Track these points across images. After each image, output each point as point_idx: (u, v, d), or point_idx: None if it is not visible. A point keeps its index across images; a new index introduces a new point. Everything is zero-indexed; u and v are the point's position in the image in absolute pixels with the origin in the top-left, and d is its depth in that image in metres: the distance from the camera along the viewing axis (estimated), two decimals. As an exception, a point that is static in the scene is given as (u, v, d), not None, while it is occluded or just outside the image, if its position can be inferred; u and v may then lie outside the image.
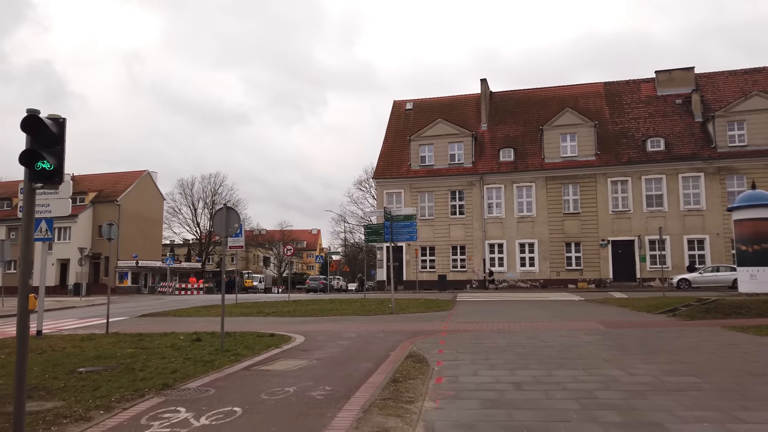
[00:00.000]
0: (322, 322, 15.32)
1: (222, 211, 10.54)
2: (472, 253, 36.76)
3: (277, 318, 17.14)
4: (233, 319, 17.17)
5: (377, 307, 19.89)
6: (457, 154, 38.03)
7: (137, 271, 47.02)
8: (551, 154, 36.18)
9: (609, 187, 34.94)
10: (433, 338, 11.10)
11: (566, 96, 39.81)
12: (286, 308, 20.31)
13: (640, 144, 35.45)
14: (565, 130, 36.17)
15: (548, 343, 10.00)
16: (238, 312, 19.15)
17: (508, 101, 41.33)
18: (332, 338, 11.52)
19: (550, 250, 35.39)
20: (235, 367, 7.95)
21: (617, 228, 34.51)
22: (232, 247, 23.72)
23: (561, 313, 16.90)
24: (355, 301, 23.54)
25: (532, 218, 35.93)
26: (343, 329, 13.26)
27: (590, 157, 35.52)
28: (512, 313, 17.28)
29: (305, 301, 24.08)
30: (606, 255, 34.56)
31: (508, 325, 13.20)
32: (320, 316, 17.37)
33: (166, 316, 18.92)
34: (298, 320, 16.19)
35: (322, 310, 19.34)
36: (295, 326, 14.30)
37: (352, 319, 16.03)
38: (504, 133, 39.08)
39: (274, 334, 12.03)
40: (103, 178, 50.93)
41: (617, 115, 37.80)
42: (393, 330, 12.87)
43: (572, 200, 35.57)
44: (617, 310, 17.16)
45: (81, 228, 46.80)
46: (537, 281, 35.34)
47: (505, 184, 36.63)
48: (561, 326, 12.74)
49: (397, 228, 18.55)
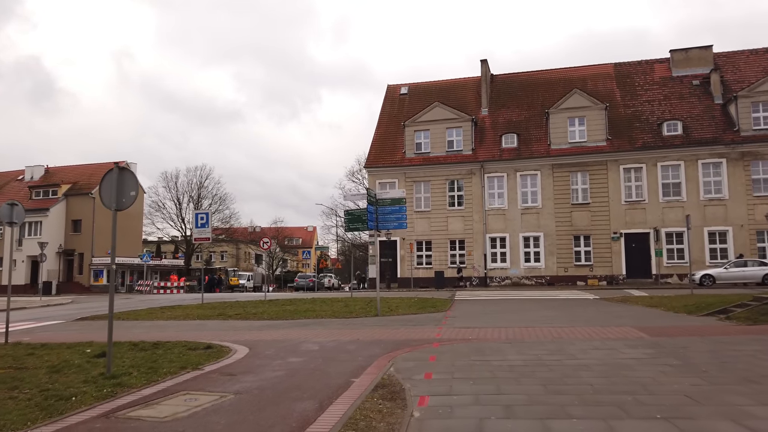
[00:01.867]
0: (287, 328, 12.35)
1: (112, 173, 7.33)
2: (472, 248, 33.78)
3: (237, 322, 14.16)
4: (183, 323, 14.20)
5: (362, 308, 16.96)
6: (456, 140, 35.02)
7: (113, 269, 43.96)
8: (558, 140, 33.18)
9: (621, 175, 31.93)
10: (421, 352, 8.15)
11: (573, 78, 36.79)
12: (256, 309, 17.35)
13: (655, 128, 32.45)
14: (573, 114, 33.15)
15: (582, 361, 7.03)
16: (196, 315, 16.18)
17: (510, 84, 38.30)
18: (284, 352, 8.55)
19: (557, 245, 32.41)
20: (93, 410, 4.98)
21: (631, 220, 31.52)
22: (197, 239, 20.78)
23: (580, 315, 13.94)
24: (339, 301, 20.59)
25: (538, 210, 32.93)
26: (307, 338, 10.30)
27: (601, 143, 32.50)
28: (521, 315, 14.33)
29: (282, 301, 21.11)
30: (618, 249, 31.57)
31: (520, 332, 10.24)
32: (290, 319, 14.42)
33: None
34: (261, 325, 13.21)
35: (296, 311, 16.39)
36: (250, 334, 11.34)
37: (326, 324, 13.07)
38: (506, 118, 36.08)
39: (211, 346, 9.08)
40: (79, 169, 47.79)
41: (629, 97, 34.79)
42: (371, 339, 9.91)
43: (581, 190, 32.56)
44: (648, 312, 14.18)
45: (53, 222, 43.74)
46: (543, 278, 32.36)
47: (508, 172, 33.62)
48: (589, 334, 9.78)
49: (383, 214, 15.58)
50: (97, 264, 43.40)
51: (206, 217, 20.57)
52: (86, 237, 43.72)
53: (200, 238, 20.62)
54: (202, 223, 20.53)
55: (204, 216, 20.60)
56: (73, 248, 44.17)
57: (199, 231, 20.58)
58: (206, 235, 20.61)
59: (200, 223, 20.54)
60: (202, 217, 20.59)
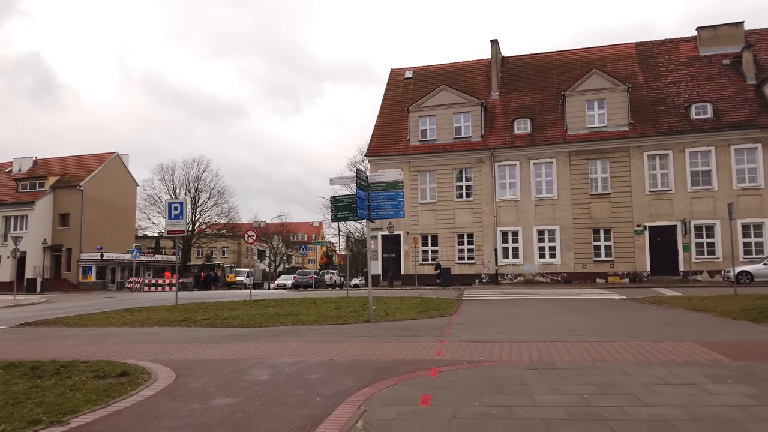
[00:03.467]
0: (252, 339, 9.91)
1: None
2: (481, 242, 31.23)
3: (199, 331, 11.73)
4: (135, 331, 11.79)
5: (354, 311, 14.50)
6: (464, 126, 32.45)
7: (103, 265, 41.78)
8: (575, 125, 30.51)
9: (645, 162, 29.25)
10: (410, 386, 5.69)
11: (591, 59, 34.08)
12: (231, 313, 14.94)
13: (682, 111, 29.71)
14: (591, 96, 30.46)
15: (656, 410, 4.53)
16: (158, 320, 13.77)
17: (522, 66, 35.62)
18: (218, 385, 6.11)
19: (574, 239, 29.80)
20: None
21: (656, 211, 28.85)
22: (170, 232, 18.38)
23: (614, 321, 11.40)
24: (331, 302, 18.16)
25: (553, 200, 30.32)
26: (266, 356, 7.86)
27: (622, 127, 29.81)
28: (541, 321, 11.81)
29: (266, 302, 18.70)
30: (642, 243, 28.92)
31: (546, 350, 7.73)
32: (264, 326, 11.99)
33: (58, 325, 13.52)
34: (224, 335, 10.78)
35: (276, 315, 13.96)
36: (201, 349, 8.92)
37: (303, 333, 10.61)
38: (518, 102, 33.43)
39: (127, 372, 6.67)
40: (67, 161, 45.59)
41: (653, 78, 32.02)
42: (349, 359, 7.46)
43: (601, 179, 29.90)
44: (699, 319, 11.61)
45: (39, 216, 41.60)
46: (559, 275, 29.76)
47: (521, 160, 31.02)
48: (643, 354, 7.25)
49: (377, 200, 13.06)
50: (86, 260, 41.22)
51: (180, 207, 18.17)
52: (74, 232, 41.56)
53: (174, 231, 18.22)
54: (176, 214, 18.15)
55: (178, 206, 18.20)
56: (60, 243, 42.03)
57: (173, 223, 18.19)
58: (180, 228, 18.22)
59: (174, 213, 18.15)
60: (175, 206, 18.19)
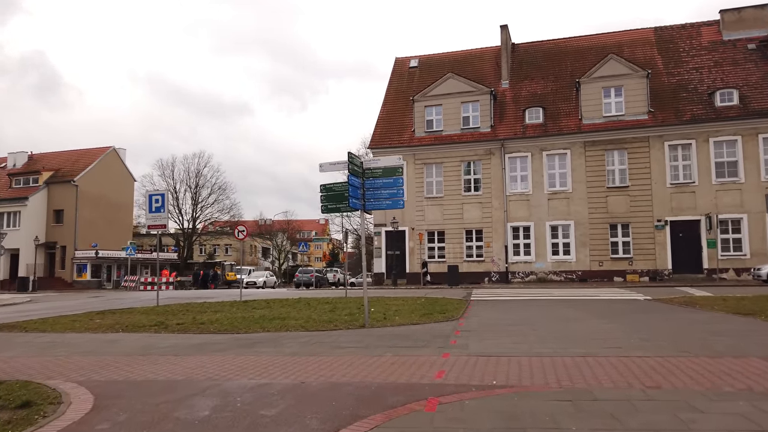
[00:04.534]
0: (219, 351, 8.32)
1: None
2: (491, 239, 29.54)
3: (166, 338, 10.17)
4: (94, 338, 10.25)
5: (348, 315, 12.92)
6: (472, 116, 30.74)
7: (98, 263, 40.44)
8: (591, 113, 28.73)
9: (666, 152, 27.42)
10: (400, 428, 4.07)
11: (607, 45, 32.22)
12: (212, 316, 13.40)
13: (705, 98, 27.85)
14: (608, 83, 28.65)
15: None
16: (128, 323, 12.24)
17: (534, 54, 33.84)
18: (139, 425, 4.51)
19: (590, 234, 28.04)
20: None
21: (677, 205, 27.04)
22: (151, 227, 16.85)
23: (649, 328, 9.73)
24: (327, 303, 16.58)
25: (567, 194, 28.57)
26: (223, 376, 6.27)
27: (641, 116, 27.99)
28: (563, 327, 10.15)
29: (255, 303, 17.16)
30: (663, 239, 27.12)
31: (578, 369, 6.08)
32: (242, 333, 10.42)
33: (14, 330, 11.99)
34: (191, 344, 9.21)
35: (261, 319, 12.39)
36: (155, 363, 7.35)
37: (283, 342, 9.02)
38: (530, 91, 31.66)
39: (29, 403, 5.10)
40: (62, 156, 44.29)
41: (673, 64, 30.15)
42: (326, 380, 5.85)
43: (618, 170, 28.11)
44: (750, 324, 9.90)
45: (33, 213, 40.32)
46: (573, 273, 28.02)
47: (533, 151, 29.28)
48: (707, 378, 5.57)
49: (372, 188, 11.45)
50: (80, 258, 39.90)
51: (161, 199, 16.62)
52: (69, 228, 40.26)
53: (155, 226, 16.68)
54: (156, 207, 16.62)
55: (159, 198, 16.66)
56: (54, 241, 40.73)
57: (153, 216, 16.66)
58: (161, 222, 16.68)
59: (154, 206, 16.62)
60: (156, 199, 16.65)
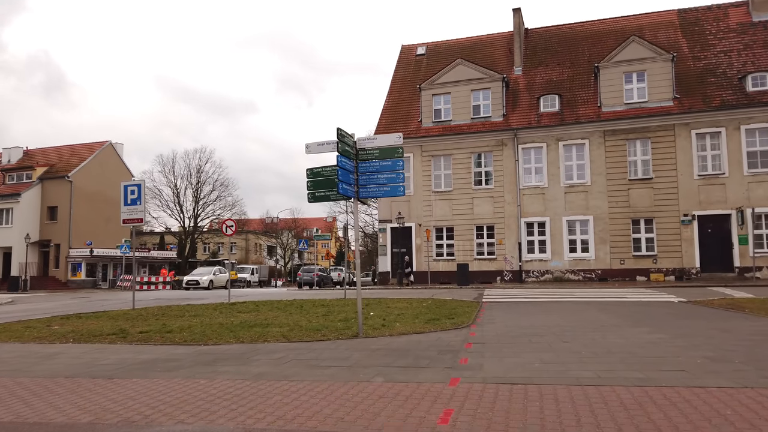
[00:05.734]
0: (167, 371, 6.55)
1: None
2: (503, 236, 27.67)
3: (120, 350, 8.44)
4: (24, 352, 8.53)
5: (343, 321, 11.16)
6: (483, 105, 28.86)
7: (93, 262, 38.96)
8: (611, 100, 26.76)
9: (693, 142, 25.42)
10: None
11: (627, 28, 30.22)
12: (186, 322, 11.67)
13: (735, 83, 25.80)
14: (630, 67, 26.66)
15: None
16: (85, 331, 10.53)
17: (548, 39, 31.88)
18: None
19: (610, 230, 26.10)
20: None
21: (706, 198, 25.04)
22: (126, 221, 15.13)
23: (706, 341, 7.85)
24: (322, 306, 14.82)
25: (586, 187, 26.63)
26: (145, 417, 4.49)
27: (666, 102, 25.99)
28: (599, 339, 8.26)
29: (242, 306, 15.44)
30: (690, 236, 25.12)
31: (642, 412, 4.23)
32: (211, 344, 8.64)
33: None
34: (142, 360, 7.46)
35: (240, 326, 10.64)
36: (71, 392, 5.60)
37: (252, 360, 7.24)
38: (545, 78, 29.72)
39: None
40: (58, 151, 42.88)
41: (699, 48, 28.10)
42: (279, 430, 4.06)
43: (641, 161, 26.14)
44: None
45: (26, 209, 38.89)
46: (592, 272, 26.09)
47: (548, 142, 27.36)
48: None
49: (367, 172, 9.70)
50: (75, 256, 38.44)
51: (138, 190, 14.91)
52: (63, 226, 38.82)
53: (130, 220, 14.98)
54: (132, 199, 14.92)
55: (135, 189, 14.96)
56: (48, 239, 39.30)
57: (129, 210, 14.96)
58: (138, 216, 14.98)
59: (130, 198, 14.93)
60: (132, 190, 14.95)
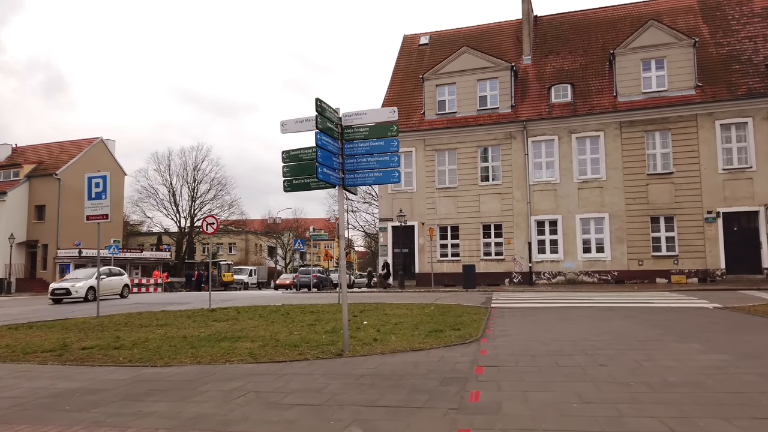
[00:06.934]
0: (70, 414, 4.85)
1: None
2: (511, 235, 25.92)
3: (33, 377, 6.74)
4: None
5: (330, 332, 9.47)
6: (490, 95, 27.11)
7: (82, 263, 37.31)
8: (628, 89, 24.97)
9: (718, 133, 23.60)
10: None
11: (644, 14, 28.40)
12: (150, 333, 9.99)
13: (762, 70, 23.97)
14: (648, 54, 24.87)
15: None
16: (22, 346, 8.86)
17: (559, 26, 30.09)
18: None
19: (627, 229, 24.30)
20: None
21: (731, 194, 23.21)
22: (90, 216, 13.47)
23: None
24: (311, 313, 13.13)
25: (601, 182, 24.85)
26: None
27: (687, 91, 24.18)
28: (645, 361, 6.49)
29: (225, 312, 13.76)
30: (714, 234, 23.31)
31: None
32: (159, 366, 6.93)
33: None
34: (57, 390, 5.75)
35: (206, 339, 8.96)
36: None
37: (201, 390, 5.53)
38: (556, 67, 27.95)
39: None
40: (47, 148, 41.39)
41: (722, 34, 26.27)
42: None
43: (661, 155, 24.33)
44: None
45: (12, 208, 37.36)
46: (608, 273, 24.30)
47: (560, 134, 25.59)
48: None
49: (354, 155, 7.98)
50: (63, 257, 36.88)
51: (102, 183, 13.24)
52: (51, 225, 37.28)
53: (94, 216, 13.32)
54: (97, 192, 13.28)
55: (100, 181, 13.28)
56: (36, 239, 37.76)
57: (93, 204, 13.31)
58: (102, 211, 13.32)
59: (94, 192, 13.28)
60: (97, 183, 13.28)
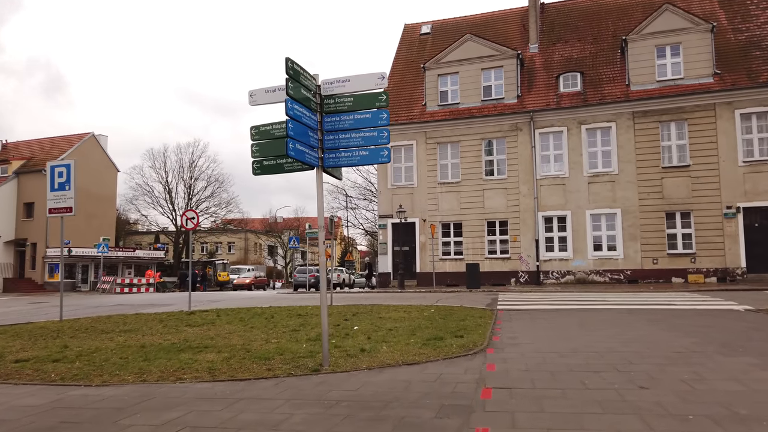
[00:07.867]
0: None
1: None
2: (518, 232, 24.58)
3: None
4: None
5: (314, 340, 8.16)
6: (495, 85, 25.77)
7: (71, 262, 36.15)
8: (641, 78, 23.60)
9: (737, 123, 22.21)
10: None
11: (657, 0, 27.02)
12: (109, 341, 8.73)
13: (785, 56, 22.60)
14: (662, 39, 23.49)
15: None
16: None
17: (568, 13, 28.72)
18: None
19: (641, 226, 22.93)
20: None
21: (752, 188, 21.82)
22: (53, 210, 12.17)
23: None
24: (297, 316, 11.83)
25: (612, 176, 23.48)
26: None
27: (705, 79, 22.80)
28: (694, 381, 5.13)
29: (202, 315, 12.48)
30: (734, 231, 21.92)
31: None
32: (94, 386, 5.62)
33: None
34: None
35: (171, 348, 7.70)
36: None
37: (130, 423, 4.22)
38: (564, 55, 26.59)
39: None
40: (37, 144, 40.23)
41: (740, 19, 24.87)
42: None
43: (676, 146, 22.95)
44: None
45: (0, 205, 36.14)
46: (621, 273, 22.94)
47: (569, 126, 24.23)
48: None
49: (336, 128, 6.63)
50: (53, 256, 35.69)
51: (66, 172, 11.95)
52: (40, 223, 36.09)
53: (57, 209, 12.03)
54: (60, 183, 12.01)
55: (63, 170, 11.99)
56: (24, 237, 36.57)
57: (56, 196, 12.03)
58: (67, 204, 12.03)
59: (57, 182, 12.00)
60: (60, 172, 12.00)
